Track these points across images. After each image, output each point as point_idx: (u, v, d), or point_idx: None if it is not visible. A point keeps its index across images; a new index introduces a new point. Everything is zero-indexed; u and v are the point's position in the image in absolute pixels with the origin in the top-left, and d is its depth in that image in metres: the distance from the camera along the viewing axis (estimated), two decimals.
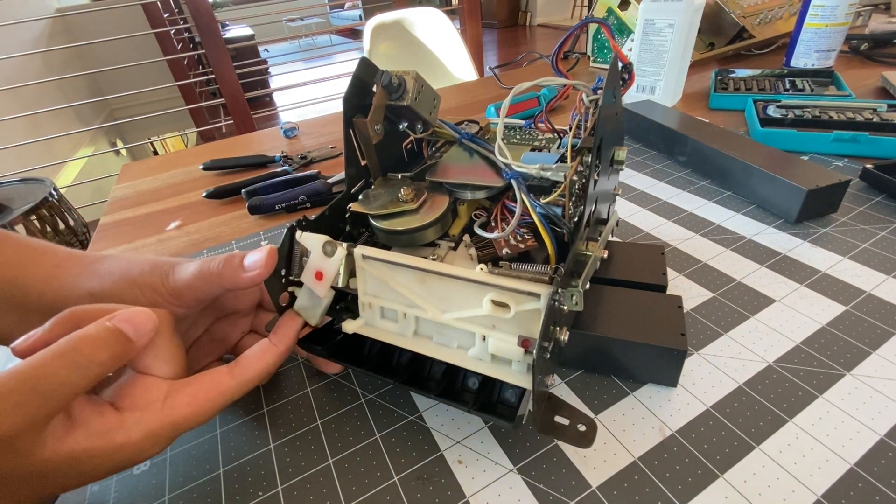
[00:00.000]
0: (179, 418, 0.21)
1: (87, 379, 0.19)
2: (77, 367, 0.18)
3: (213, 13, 1.40)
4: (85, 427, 0.19)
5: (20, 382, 0.17)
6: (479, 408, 0.23)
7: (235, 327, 0.29)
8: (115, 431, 0.19)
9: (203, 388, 0.22)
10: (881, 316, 0.29)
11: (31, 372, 0.18)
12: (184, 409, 0.21)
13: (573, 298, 0.21)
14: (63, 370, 0.18)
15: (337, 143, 0.65)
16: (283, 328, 0.25)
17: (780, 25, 0.83)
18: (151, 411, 0.20)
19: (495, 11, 4.93)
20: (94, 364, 0.19)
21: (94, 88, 2.59)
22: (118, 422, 0.20)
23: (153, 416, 0.20)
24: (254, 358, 0.24)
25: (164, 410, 0.21)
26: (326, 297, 0.25)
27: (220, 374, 0.23)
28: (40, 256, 0.26)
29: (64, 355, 0.18)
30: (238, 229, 0.48)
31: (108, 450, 0.19)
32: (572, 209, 0.25)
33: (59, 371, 0.18)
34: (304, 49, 4.08)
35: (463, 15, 1.68)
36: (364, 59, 0.27)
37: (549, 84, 0.29)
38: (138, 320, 0.20)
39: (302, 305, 0.26)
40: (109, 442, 0.19)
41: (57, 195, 1.26)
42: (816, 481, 0.21)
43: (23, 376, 0.17)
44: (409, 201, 0.27)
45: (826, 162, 0.46)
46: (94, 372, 0.19)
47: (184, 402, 0.21)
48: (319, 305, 0.26)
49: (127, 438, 0.20)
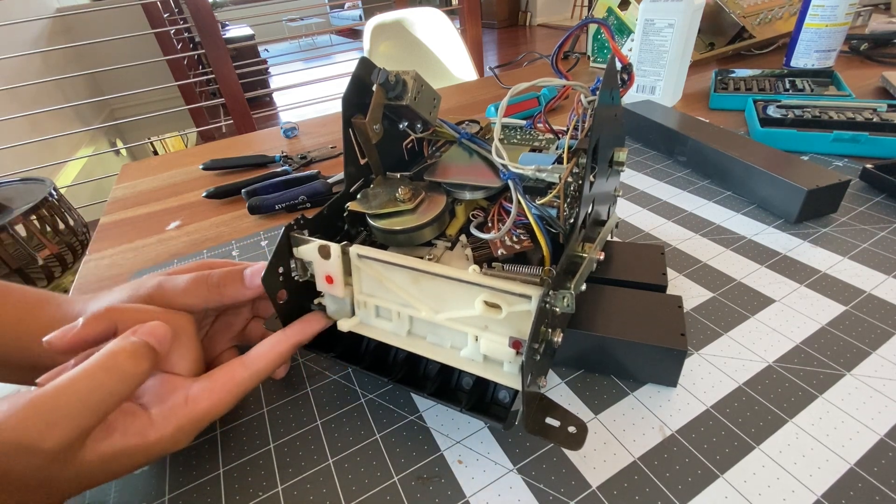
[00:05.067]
0: (202, 411, 0.22)
1: (131, 388, 0.20)
2: (124, 379, 0.20)
3: (213, 13, 1.40)
4: (121, 429, 0.20)
5: (71, 395, 0.18)
6: (472, 407, 0.23)
7: (238, 316, 0.30)
8: (147, 429, 0.21)
9: (220, 381, 0.23)
10: (881, 316, 0.29)
11: (81, 385, 0.19)
12: (204, 403, 0.22)
13: (565, 301, 0.21)
14: (111, 382, 0.19)
15: (337, 143, 0.65)
16: (302, 323, 0.26)
17: (780, 25, 0.83)
18: (177, 406, 0.22)
19: (495, 11, 4.93)
20: (137, 375, 0.20)
21: (93, 88, 2.59)
22: (149, 420, 0.21)
23: (179, 412, 0.22)
24: (266, 349, 0.25)
25: (188, 405, 0.22)
26: (348, 295, 0.26)
27: (234, 367, 0.24)
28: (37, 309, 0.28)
29: (112, 369, 0.20)
30: (238, 229, 0.48)
31: (144, 446, 0.21)
32: (567, 211, 0.25)
33: (106, 383, 0.19)
34: (304, 49, 4.09)
35: (463, 15, 1.68)
36: (364, 58, 0.27)
37: (548, 84, 0.29)
38: (159, 333, 0.22)
39: (333, 310, 0.27)
40: (144, 439, 0.21)
41: (57, 195, 1.26)
42: (816, 481, 0.21)
43: (72, 389, 0.19)
44: (406, 201, 0.27)
45: (826, 162, 0.46)
46: (138, 382, 0.20)
47: (203, 396, 0.23)
48: (346, 304, 0.26)
49: (160, 434, 0.21)
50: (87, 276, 0.44)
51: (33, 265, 1.17)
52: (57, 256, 1.22)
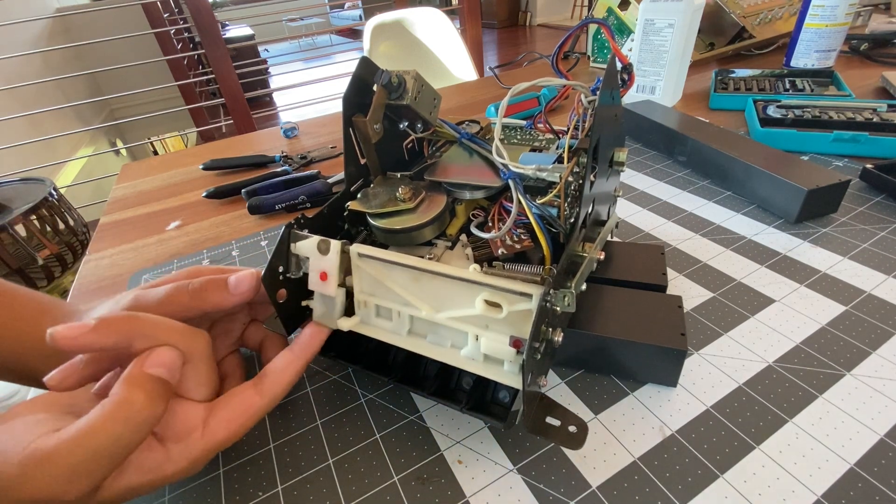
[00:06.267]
0: (218, 444, 0.22)
1: (146, 434, 0.19)
2: (140, 430, 0.19)
3: (213, 13, 1.40)
4: (136, 465, 0.20)
5: (90, 450, 0.18)
6: (472, 407, 0.23)
7: (235, 322, 0.30)
8: (164, 465, 0.20)
9: (237, 412, 0.22)
10: (881, 316, 0.29)
11: (99, 440, 0.18)
12: (222, 434, 0.22)
13: (566, 300, 0.21)
14: (128, 434, 0.18)
15: (337, 143, 0.65)
16: (306, 339, 0.25)
17: (780, 25, 0.83)
18: (193, 440, 0.21)
19: (495, 11, 4.93)
20: (154, 419, 0.19)
21: (93, 88, 2.59)
22: (165, 456, 0.21)
23: (195, 445, 0.21)
24: (279, 372, 0.24)
25: (204, 438, 0.21)
26: (339, 295, 0.25)
27: (249, 395, 0.23)
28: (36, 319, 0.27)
29: (128, 420, 0.18)
30: (238, 229, 0.48)
31: (158, 480, 0.20)
32: (567, 210, 0.25)
33: (125, 435, 0.18)
34: (304, 49, 4.09)
35: (463, 15, 1.68)
36: (364, 58, 0.27)
37: (548, 84, 0.29)
38: (169, 360, 0.21)
39: (320, 314, 0.26)
40: (160, 474, 0.20)
41: (57, 195, 1.26)
42: (816, 481, 0.21)
43: (90, 445, 0.18)
44: (407, 200, 0.27)
45: (826, 162, 0.46)
46: (153, 425, 0.19)
47: (221, 427, 0.22)
48: (335, 306, 0.26)
49: (175, 469, 0.21)
50: (87, 276, 0.44)
51: (33, 265, 1.17)
52: (57, 256, 1.22)
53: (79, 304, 0.29)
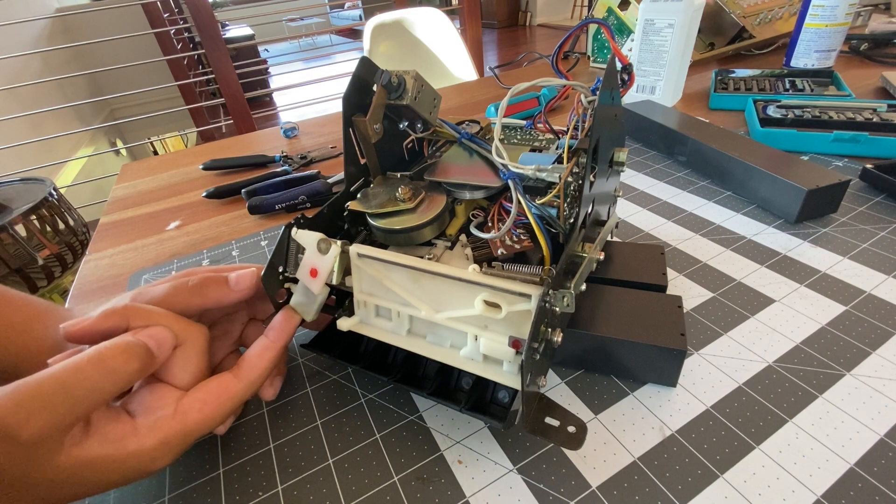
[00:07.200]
0: (191, 425, 0.21)
1: (117, 387, 0.19)
2: (110, 375, 0.19)
3: (213, 13, 1.40)
4: (100, 433, 0.19)
5: (55, 385, 0.17)
6: (471, 407, 0.23)
7: (235, 322, 0.30)
8: (128, 437, 0.20)
9: (212, 394, 0.22)
10: (881, 316, 0.29)
11: (66, 375, 0.18)
12: (195, 416, 0.21)
13: (565, 300, 0.21)
14: (97, 376, 0.18)
15: (337, 143, 0.65)
16: (279, 325, 0.26)
17: (780, 25, 0.83)
18: (164, 418, 0.21)
19: (495, 11, 4.93)
20: (125, 373, 0.19)
21: (93, 88, 2.59)
22: (131, 428, 0.20)
23: (166, 423, 0.21)
24: (254, 358, 0.24)
25: (175, 418, 0.21)
26: (321, 294, 0.26)
27: (227, 379, 0.23)
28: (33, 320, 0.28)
29: (99, 362, 0.19)
30: (238, 229, 0.48)
31: (121, 457, 0.19)
32: (567, 210, 0.25)
33: (92, 376, 0.18)
34: (304, 49, 4.09)
35: (463, 15, 1.68)
36: (364, 58, 0.27)
37: (548, 84, 0.29)
38: (159, 337, 0.21)
39: (297, 302, 0.26)
40: (122, 449, 0.19)
41: (57, 195, 1.25)
42: (816, 481, 0.21)
43: (57, 379, 0.18)
44: (407, 200, 0.27)
45: (826, 162, 0.46)
46: (125, 381, 0.19)
47: (195, 408, 0.22)
48: (314, 302, 0.26)
49: (140, 445, 0.20)
50: (87, 276, 0.44)
51: (33, 265, 1.17)
52: (57, 256, 1.22)
53: (74, 309, 0.29)
